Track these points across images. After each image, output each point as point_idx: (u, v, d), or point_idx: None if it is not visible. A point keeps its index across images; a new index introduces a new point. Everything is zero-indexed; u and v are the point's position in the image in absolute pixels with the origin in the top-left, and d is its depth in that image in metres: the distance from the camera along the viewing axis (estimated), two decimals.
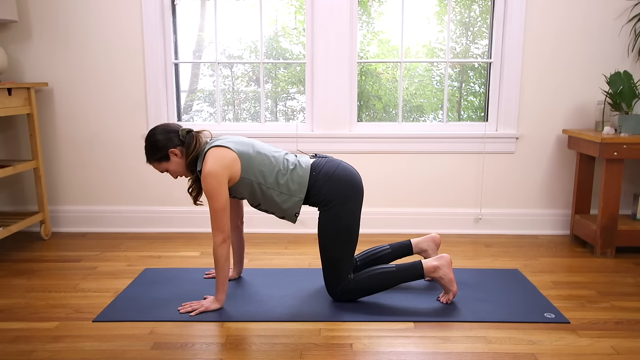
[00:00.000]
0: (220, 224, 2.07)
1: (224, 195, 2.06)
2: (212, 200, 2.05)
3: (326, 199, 2.14)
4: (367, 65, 3.34)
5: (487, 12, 3.22)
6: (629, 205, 3.28)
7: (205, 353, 1.85)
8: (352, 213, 2.16)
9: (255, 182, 2.12)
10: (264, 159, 2.14)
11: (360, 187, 2.19)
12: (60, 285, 2.47)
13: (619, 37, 3.07)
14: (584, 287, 2.45)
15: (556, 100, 3.16)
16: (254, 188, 2.13)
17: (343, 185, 2.14)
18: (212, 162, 2.05)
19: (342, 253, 2.17)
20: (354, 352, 1.86)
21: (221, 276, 2.14)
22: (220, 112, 3.34)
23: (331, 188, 2.13)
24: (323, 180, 2.14)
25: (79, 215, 3.34)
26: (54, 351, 1.87)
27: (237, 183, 2.12)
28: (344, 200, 2.13)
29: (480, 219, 3.28)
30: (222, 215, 2.06)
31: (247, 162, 2.11)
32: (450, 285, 2.22)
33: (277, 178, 2.13)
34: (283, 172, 2.14)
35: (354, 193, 2.16)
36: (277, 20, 3.30)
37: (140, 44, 3.16)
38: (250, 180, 2.11)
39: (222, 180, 2.05)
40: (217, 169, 2.04)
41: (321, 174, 2.15)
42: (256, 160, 2.12)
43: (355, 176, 2.19)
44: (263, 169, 2.12)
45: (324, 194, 2.13)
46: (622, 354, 1.84)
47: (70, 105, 3.23)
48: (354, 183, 2.17)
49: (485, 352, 1.86)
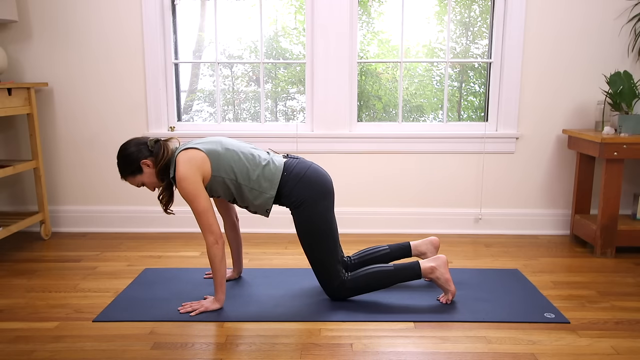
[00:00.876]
0: (207, 224, 2.08)
1: (203, 196, 2.07)
2: (193, 202, 2.06)
3: (297, 201, 2.15)
4: (367, 65, 3.34)
5: (487, 12, 3.23)
6: (629, 205, 3.28)
7: (205, 353, 1.85)
8: (324, 214, 2.17)
9: (227, 179, 2.12)
10: (234, 155, 2.14)
11: (330, 188, 2.21)
12: (60, 285, 2.47)
13: (619, 37, 3.07)
14: (584, 287, 2.45)
15: (556, 100, 3.16)
16: (227, 184, 2.14)
17: (314, 186, 2.15)
18: (182, 166, 2.06)
19: (324, 252, 2.18)
20: (354, 352, 1.86)
21: (218, 277, 2.14)
22: (220, 112, 3.34)
23: (302, 190, 2.14)
24: (294, 181, 2.15)
25: (79, 215, 3.34)
26: (54, 351, 1.87)
27: (210, 182, 2.13)
28: (314, 202, 2.15)
29: (480, 219, 3.28)
30: (207, 215, 2.07)
31: (217, 159, 2.11)
32: (447, 285, 2.22)
33: (249, 174, 2.13)
34: (254, 167, 2.14)
35: (324, 194, 2.17)
36: (277, 20, 3.30)
37: (140, 44, 3.16)
38: (222, 177, 2.12)
39: (196, 181, 2.06)
40: (189, 171, 2.05)
41: (292, 174, 2.16)
42: (225, 157, 2.12)
43: (325, 177, 2.21)
44: (233, 164, 2.12)
45: (294, 195, 2.15)
46: (622, 354, 1.84)
47: (70, 105, 3.23)
48: (324, 185, 2.18)
49: (485, 352, 1.86)
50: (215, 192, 2.17)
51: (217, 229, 2.09)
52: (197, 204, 2.06)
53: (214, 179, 2.12)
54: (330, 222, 2.19)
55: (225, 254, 2.13)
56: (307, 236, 2.17)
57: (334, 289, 2.22)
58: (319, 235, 2.16)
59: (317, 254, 2.19)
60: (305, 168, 2.19)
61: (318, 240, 2.17)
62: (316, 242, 2.17)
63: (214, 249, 2.09)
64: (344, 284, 2.21)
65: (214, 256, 2.10)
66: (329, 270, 2.20)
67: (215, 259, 2.10)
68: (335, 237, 2.21)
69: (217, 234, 2.09)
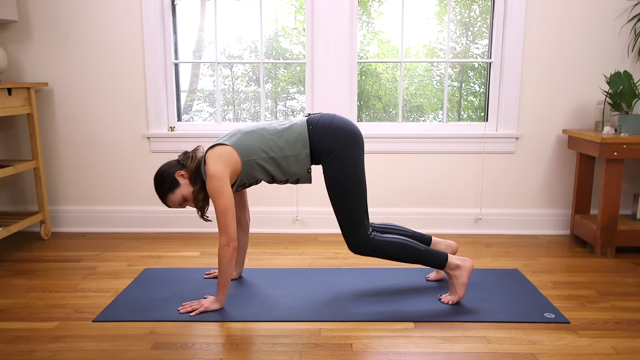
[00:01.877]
0: (225, 224, 2.07)
1: (227, 195, 2.06)
2: (216, 200, 2.06)
3: (327, 149, 2.12)
4: (367, 65, 3.34)
5: (487, 12, 3.22)
6: (629, 205, 3.28)
7: (205, 353, 1.85)
8: (356, 160, 2.15)
9: (259, 159, 2.12)
10: (256, 135, 2.14)
11: (359, 133, 2.18)
12: (60, 285, 2.47)
13: (619, 37, 3.07)
14: (584, 287, 2.45)
15: (556, 100, 3.16)
16: (261, 165, 2.13)
17: (342, 133, 2.14)
18: (211, 162, 2.07)
19: (354, 203, 2.15)
20: (354, 352, 1.86)
21: (222, 278, 2.14)
22: (220, 112, 3.34)
23: (330, 137, 2.13)
24: (321, 131, 2.14)
25: (79, 215, 3.34)
26: (54, 351, 1.87)
27: (243, 170, 2.13)
28: (345, 147, 2.12)
29: (480, 219, 3.28)
30: (227, 215, 2.06)
31: (242, 146, 2.11)
32: (460, 288, 2.22)
33: (277, 144, 2.13)
34: (278, 136, 2.14)
35: (354, 140, 2.15)
36: (277, 20, 3.30)
37: (140, 44, 3.16)
38: (253, 160, 2.12)
39: (223, 179, 2.06)
40: (218, 168, 2.06)
41: (318, 126, 2.15)
42: (249, 140, 2.13)
43: (352, 124, 2.19)
44: (259, 144, 2.13)
45: (324, 144, 2.13)
46: (622, 354, 1.84)
47: (70, 105, 3.23)
48: (352, 131, 2.16)
49: (485, 352, 1.86)
50: (252, 177, 2.17)
51: (233, 232, 2.08)
52: (220, 202, 2.06)
53: (246, 165, 2.12)
54: (360, 172, 2.16)
55: (234, 257, 2.12)
56: (337, 187, 2.14)
57: (359, 243, 2.18)
58: (350, 185, 2.13)
59: (346, 206, 2.15)
60: (330, 118, 2.17)
61: (349, 191, 2.13)
62: (347, 193, 2.14)
63: (224, 250, 2.09)
64: (370, 241, 2.18)
65: (223, 257, 2.09)
66: (357, 223, 2.17)
67: (224, 260, 2.10)
68: (365, 190, 2.18)
69: (231, 236, 2.08)
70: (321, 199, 3.30)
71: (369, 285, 2.45)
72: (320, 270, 2.64)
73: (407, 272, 2.61)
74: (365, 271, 2.63)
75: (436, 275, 2.51)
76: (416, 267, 2.69)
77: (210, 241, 3.14)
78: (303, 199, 3.30)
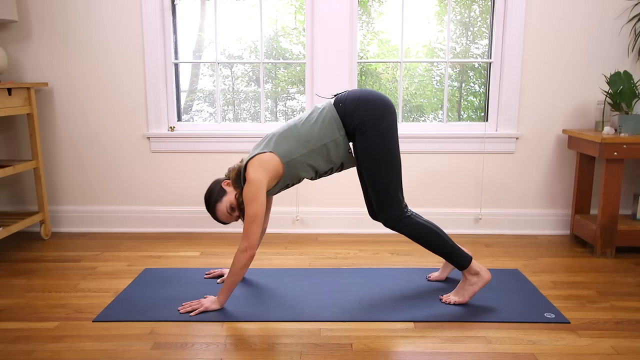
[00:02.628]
0: (249, 231, 2.06)
1: (260, 202, 2.06)
2: (247, 205, 2.06)
3: (360, 121, 2.09)
4: (367, 65, 3.34)
5: (487, 12, 3.23)
6: (629, 205, 3.28)
7: (205, 353, 1.85)
8: (389, 131, 2.12)
9: (301, 155, 2.12)
10: (290, 133, 2.14)
11: (390, 104, 2.15)
12: (60, 285, 2.47)
13: (618, 37, 3.07)
14: (584, 287, 2.45)
15: (556, 100, 3.16)
16: (305, 161, 2.13)
17: (373, 104, 2.11)
18: (251, 169, 2.09)
19: (389, 175, 2.13)
20: (354, 352, 1.86)
21: (230, 281, 2.13)
22: (220, 112, 3.34)
23: (362, 110, 2.10)
24: (352, 106, 2.11)
25: (79, 215, 3.34)
26: (54, 351, 1.87)
27: (286, 171, 2.13)
28: (377, 118, 2.09)
29: (480, 219, 3.28)
30: (253, 222, 2.06)
31: (280, 148, 2.11)
32: (468, 294, 2.22)
33: (313, 134, 2.11)
34: (312, 127, 2.12)
35: (386, 110, 2.12)
36: (277, 20, 3.30)
37: (140, 44, 3.16)
38: (294, 159, 2.11)
39: (260, 186, 2.06)
40: (257, 174, 2.07)
41: (348, 102, 2.13)
42: (285, 141, 2.12)
43: (383, 95, 2.16)
44: (295, 141, 2.12)
45: (357, 117, 2.10)
46: (622, 354, 1.84)
47: (70, 105, 3.23)
48: (383, 101, 2.13)
49: (485, 352, 1.86)
50: (296, 178, 2.17)
51: (255, 240, 2.07)
52: (251, 207, 2.05)
53: (289, 165, 2.12)
54: (394, 144, 2.13)
55: (248, 265, 2.11)
56: (371, 158, 2.11)
57: (392, 216, 2.16)
58: (384, 156, 2.10)
59: (381, 177, 2.12)
60: (359, 91, 2.16)
61: (383, 162, 2.11)
62: (380, 165, 2.11)
63: (241, 255, 2.08)
64: (405, 218, 2.16)
65: (238, 261, 2.09)
66: (392, 196, 2.14)
67: (238, 264, 2.09)
68: (399, 163, 2.15)
69: (252, 243, 2.07)
70: (321, 198, 3.30)
71: (369, 285, 2.45)
72: (320, 270, 2.64)
73: (407, 272, 2.61)
74: (365, 271, 2.63)
75: (437, 275, 2.51)
76: (417, 267, 2.69)
77: (210, 241, 3.14)
78: (303, 199, 3.30)
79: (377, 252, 2.94)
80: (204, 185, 3.30)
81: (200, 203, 3.33)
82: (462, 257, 2.20)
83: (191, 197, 3.32)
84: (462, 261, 2.20)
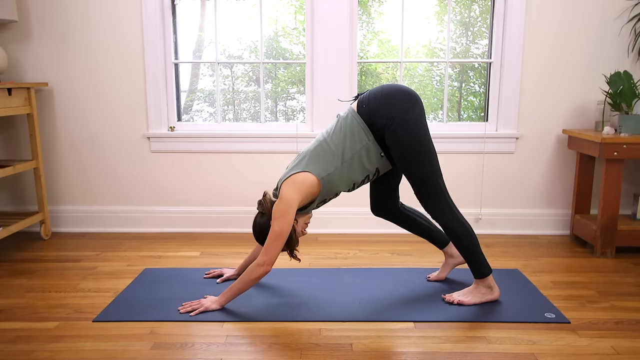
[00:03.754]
0: (271, 247, 2.05)
1: (287, 221, 2.04)
2: (274, 221, 2.05)
3: (388, 118, 2.06)
4: (367, 65, 3.34)
5: (487, 12, 3.23)
6: (629, 205, 3.28)
7: (205, 353, 1.85)
8: (418, 121, 2.07)
9: (336, 168, 2.10)
10: (322, 149, 2.11)
11: (415, 94, 2.11)
12: (60, 285, 2.47)
13: (619, 37, 3.07)
14: (584, 287, 2.45)
15: (556, 100, 3.16)
16: (340, 173, 2.11)
17: (397, 97, 2.08)
18: (285, 188, 2.07)
19: (427, 166, 2.08)
20: (354, 352, 1.86)
21: (236, 288, 2.13)
22: (220, 112, 3.34)
23: (387, 106, 2.07)
24: (375, 104, 2.08)
25: (79, 215, 3.34)
26: (54, 351, 1.87)
27: (324, 187, 2.11)
28: (404, 110, 2.06)
29: (480, 219, 3.28)
30: (277, 239, 2.04)
31: (314, 165, 2.09)
32: (474, 299, 2.22)
33: (344, 146, 2.09)
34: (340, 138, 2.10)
35: (412, 101, 2.08)
36: (277, 20, 3.30)
37: (140, 44, 3.16)
38: (329, 173, 2.09)
39: (291, 205, 2.04)
40: (289, 194, 2.05)
41: (371, 102, 2.10)
42: (318, 158, 2.10)
43: (405, 87, 2.12)
44: (328, 156, 2.10)
45: (383, 115, 2.06)
46: (622, 354, 1.84)
47: (70, 106, 3.23)
48: (407, 93, 2.10)
49: (485, 352, 1.86)
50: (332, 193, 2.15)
51: (274, 257, 2.06)
52: (277, 224, 2.04)
53: (325, 181, 2.09)
54: (425, 132, 2.08)
55: (260, 279, 2.10)
56: (406, 152, 2.07)
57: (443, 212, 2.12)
58: (420, 148, 2.06)
59: (421, 169, 2.08)
60: (379, 89, 2.12)
61: (420, 154, 2.06)
62: (417, 158, 2.07)
63: (256, 268, 2.07)
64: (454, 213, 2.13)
65: (251, 273, 2.08)
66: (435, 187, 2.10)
67: (251, 276, 2.08)
68: (434, 149, 2.10)
69: (270, 259, 2.06)
70: None
71: (369, 285, 2.45)
72: (320, 270, 2.64)
73: (407, 272, 2.61)
74: (365, 271, 2.63)
75: (437, 275, 2.51)
76: (417, 267, 2.69)
77: (210, 241, 3.14)
78: None
79: (377, 252, 2.94)
80: (204, 185, 3.30)
81: (200, 203, 3.33)
82: (485, 266, 2.20)
83: (191, 197, 3.32)
84: (484, 270, 2.20)
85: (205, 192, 3.31)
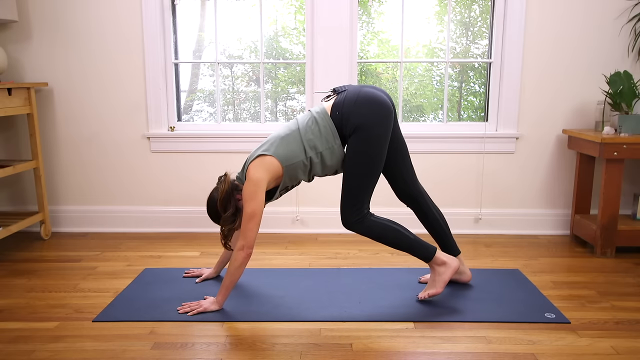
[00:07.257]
0: (246, 229, 2.07)
1: (258, 202, 2.06)
2: (246, 203, 2.07)
3: (357, 125, 2.10)
4: (367, 65, 3.34)
5: (487, 12, 3.23)
6: (629, 205, 3.28)
7: (205, 353, 1.85)
8: (380, 141, 2.12)
9: (298, 161, 2.13)
10: (291, 138, 2.14)
11: (387, 105, 2.14)
12: (60, 285, 2.47)
13: (619, 37, 3.07)
14: (584, 287, 2.45)
15: (556, 100, 3.16)
16: (303, 164, 2.14)
17: (370, 108, 2.11)
18: (253, 169, 2.10)
19: (363, 182, 2.14)
20: (354, 352, 1.86)
21: (227, 281, 2.14)
22: (220, 112, 3.34)
23: (359, 114, 2.10)
24: (347, 113, 2.12)
25: (79, 215, 3.34)
26: (54, 351, 1.87)
27: (286, 173, 2.14)
28: (372, 125, 2.09)
29: (480, 219, 3.28)
30: (251, 220, 2.06)
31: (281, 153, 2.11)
32: (440, 285, 2.21)
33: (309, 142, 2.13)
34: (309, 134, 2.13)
35: (383, 117, 2.11)
36: (277, 20, 3.30)
37: (140, 44, 3.16)
38: (293, 164, 2.12)
39: (260, 185, 2.07)
40: (258, 174, 2.07)
41: (344, 109, 2.13)
42: (286, 146, 2.13)
43: (380, 98, 2.14)
44: (295, 147, 2.13)
45: (352, 122, 2.11)
46: (622, 354, 1.84)
47: (70, 105, 3.23)
48: (380, 104, 2.12)
49: (485, 352, 1.86)
50: (295, 180, 2.19)
51: (252, 239, 2.08)
52: (249, 206, 2.06)
53: (288, 169, 2.13)
54: (379, 155, 2.13)
55: (245, 264, 2.11)
56: (355, 161, 2.12)
57: (351, 219, 2.18)
58: (365, 163, 2.12)
59: (353, 181, 2.14)
60: (355, 95, 2.14)
61: (361, 166, 2.12)
62: (358, 168, 2.12)
63: (238, 254, 2.09)
64: (364, 221, 2.17)
65: (234, 260, 2.09)
66: (358, 201, 2.16)
67: (234, 263, 2.09)
68: (378, 173, 2.16)
69: (249, 242, 2.07)
70: (321, 198, 3.30)
71: (369, 285, 2.45)
72: (320, 270, 2.64)
73: (407, 272, 2.61)
74: (365, 271, 2.63)
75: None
76: (417, 267, 2.69)
77: (210, 241, 3.14)
78: (303, 199, 3.30)
79: (377, 252, 2.94)
80: (204, 185, 3.30)
81: (200, 203, 3.33)
82: (425, 249, 2.21)
83: (191, 197, 3.32)
84: (427, 253, 2.21)
85: (205, 192, 3.30)
